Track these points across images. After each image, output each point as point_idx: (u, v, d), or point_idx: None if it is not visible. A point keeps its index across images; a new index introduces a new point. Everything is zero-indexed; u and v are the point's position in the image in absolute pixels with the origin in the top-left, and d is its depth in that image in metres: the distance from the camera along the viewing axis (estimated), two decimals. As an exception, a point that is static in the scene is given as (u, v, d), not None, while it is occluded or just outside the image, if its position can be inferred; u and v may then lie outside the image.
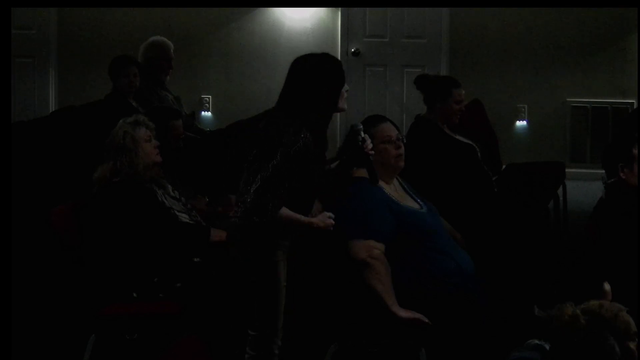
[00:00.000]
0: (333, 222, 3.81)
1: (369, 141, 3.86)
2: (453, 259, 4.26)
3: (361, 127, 3.89)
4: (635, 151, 4.38)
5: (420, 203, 4.44)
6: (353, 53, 8.54)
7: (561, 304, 2.64)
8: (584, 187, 7.24)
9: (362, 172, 4.32)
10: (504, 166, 6.75)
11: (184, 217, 4.67)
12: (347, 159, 4.07)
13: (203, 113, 8.62)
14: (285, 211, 3.71)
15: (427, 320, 4.06)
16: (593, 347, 2.51)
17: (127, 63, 6.47)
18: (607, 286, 3.17)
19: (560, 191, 6.65)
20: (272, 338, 3.83)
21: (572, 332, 2.55)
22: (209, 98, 8.68)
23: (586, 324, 2.55)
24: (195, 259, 4.50)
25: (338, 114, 8.23)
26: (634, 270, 4.05)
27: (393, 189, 4.40)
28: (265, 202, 3.65)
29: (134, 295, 4.36)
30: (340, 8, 8.49)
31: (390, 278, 4.11)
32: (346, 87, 3.85)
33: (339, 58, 8.49)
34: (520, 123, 8.47)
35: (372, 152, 3.88)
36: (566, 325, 2.57)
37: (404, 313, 4.06)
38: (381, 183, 4.35)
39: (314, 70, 3.79)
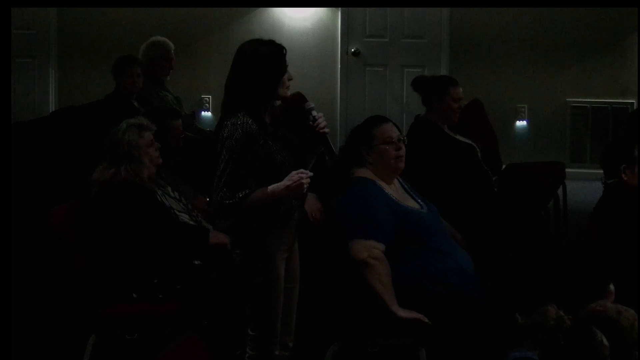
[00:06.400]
0: (303, 176, 3.63)
1: (321, 119, 3.74)
2: (453, 259, 4.26)
3: (312, 105, 3.76)
4: (636, 153, 4.37)
5: (421, 203, 4.44)
6: (353, 53, 8.53)
7: (543, 308, 2.62)
8: (584, 187, 7.24)
9: (363, 172, 4.32)
10: (504, 166, 6.75)
11: (184, 217, 4.67)
12: (306, 142, 3.85)
13: (203, 113, 8.62)
14: (256, 193, 3.65)
15: (427, 320, 4.06)
16: (581, 345, 2.50)
17: (131, 63, 6.47)
18: (612, 287, 3.17)
19: (560, 191, 6.66)
20: (271, 338, 3.83)
21: (559, 333, 2.54)
22: (209, 98, 8.68)
23: (572, 324, 2.55)
24: (196, 262, 4.50)
25: (339, 115, 8.34)
26: (635, 270, 4.05)
27: (393, 189, 4.40)
28: (222, 198, 3.65)
29: (134, 296, 4.36)
30: (340, 8, 8.49)
31: (390, 278, 4.11)
32: (288, 75, 3.74)
33: (339, 58, 8.66)
34: (520, 123, 8.47)
35: (327, 130, 3.75)
36: (553, 328, 2.56)
37: (403, 313, 4.07)
38: (382, 183, 4.35)
39: (252, 56, 3.71)
